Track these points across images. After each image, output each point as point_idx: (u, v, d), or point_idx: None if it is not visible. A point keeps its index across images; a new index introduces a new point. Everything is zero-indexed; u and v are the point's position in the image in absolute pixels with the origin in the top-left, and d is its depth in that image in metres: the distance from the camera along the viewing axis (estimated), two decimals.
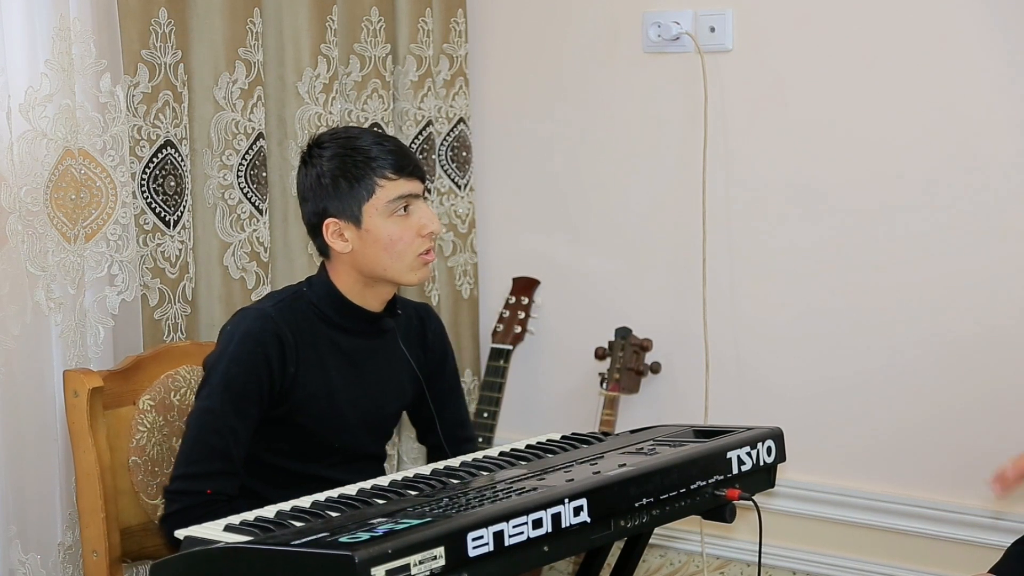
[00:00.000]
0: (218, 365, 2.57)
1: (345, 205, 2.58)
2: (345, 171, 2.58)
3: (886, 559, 3.43)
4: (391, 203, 2.57)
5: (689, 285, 3.62)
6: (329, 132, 2.70)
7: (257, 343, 2.56)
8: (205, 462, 2.54)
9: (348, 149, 2.59)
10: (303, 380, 2.61)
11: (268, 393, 2.58)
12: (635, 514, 2.22)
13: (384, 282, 2.64)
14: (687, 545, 3.71)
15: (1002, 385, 3.25)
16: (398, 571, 1.86)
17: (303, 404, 2.62)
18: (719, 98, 3.53)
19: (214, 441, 2.54)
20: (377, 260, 2.60)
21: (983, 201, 3.23)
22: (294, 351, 2.60)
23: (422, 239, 2.60)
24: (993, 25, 3.18)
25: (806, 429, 3.38)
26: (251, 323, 2.59)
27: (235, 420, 2.55)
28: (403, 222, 2.59)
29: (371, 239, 2.58)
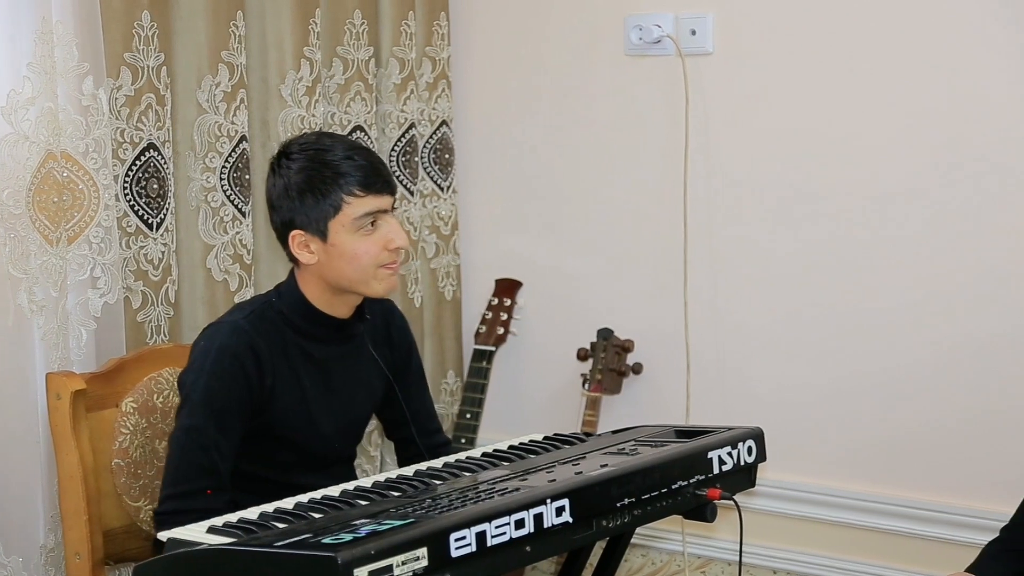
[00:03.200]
0: (197, 382, 2.55)
1: (311, 219, 2.56)
2: (312, 186, 2.54)
3: (866, 557, 3.44)
4: (357, 220, 2.54)
5: (670, 287, 3.62)
6: (299, 141, 2.63)
7: (234, 357, 2.54)
8: (194, 480, 2.52)
9: (316, 162, 2.55)
10: (279, 391, 2.60)
11: (248, 406, 2.57)
12: (617, 514, 2.22)
13: (351, 292, 2.64)
14: (669, 544, 3.71)
15: (981, 387, 3.26)
16: (381, 572, 1.86)
17: (279, 415, 2.61)
18: (700, 101, 3.53)
19: (201, 459, 2.53)
20: (342, 273, 2.58)
21: (963, 205, 3.24)
22: (269, 363, 2.58)
23: (388, 253, 2.58)
24: (975, 28, 3.19)
25: (786, 429, 3.39)
26: (226, 338, 2.57)
27: (219, 436, 2.54)
28: (369, 237, 2.56)
29: (336, 253, 2.56)
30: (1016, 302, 3.14)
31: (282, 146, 2.66)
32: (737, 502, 2.39)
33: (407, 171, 3.70)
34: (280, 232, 2.62)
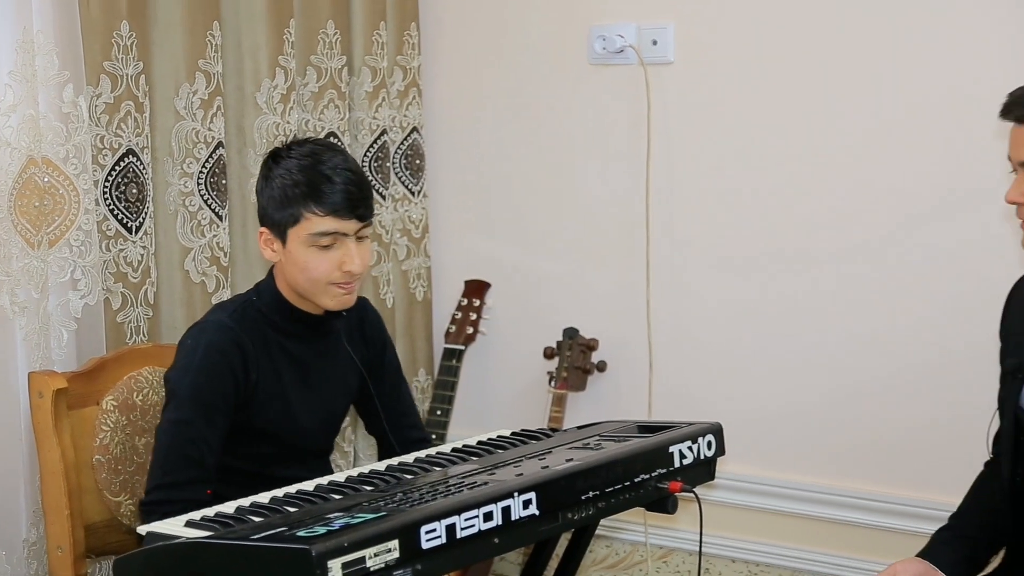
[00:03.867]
0: (185, 378, 2.54)
1: (276, 222, 2.55)
2: (284, 192, 2.53)
3: (820, 547, 3.45)
4: (313, 236, 2.52)
5: (633, 288, 3.63)
6: (294, 146, 2.60)
7: (221, 354, 2.54)
8: (181, 471, 2.51)
9: (297, 171, 2.53)
10: (261, 387, 2.60)
11: (234, 401, 2.56)
12: (582, 506, 2.22)
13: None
14: (631, 536, 3.72)
15: (931, 387, 3.28)
16: (354, 564, 1.86)
17: (261, 410, 2.61)
18: (662, 108, 3.54)
19: (188, 451, 2.52)
20: (295, 279, 2.58)
21: (915, 210, 3.26)
22: (254, 359, 2.58)
23: (341, 273, 2.55)
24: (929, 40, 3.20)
25: (744, 424, 3.39)
26: (213, 335, 2.57)
27: (206, 429, 2.53)
28: (322, 254, 2.54)
29: (291, 259, 2.56)
30: (967, 309, 3.15)
31: (281, 145, 2.64)
32: (697, 494, 2.39)
33: (379, 176, 3.70)
34: (259, 224, 2.63)
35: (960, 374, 3.19)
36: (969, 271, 3.15)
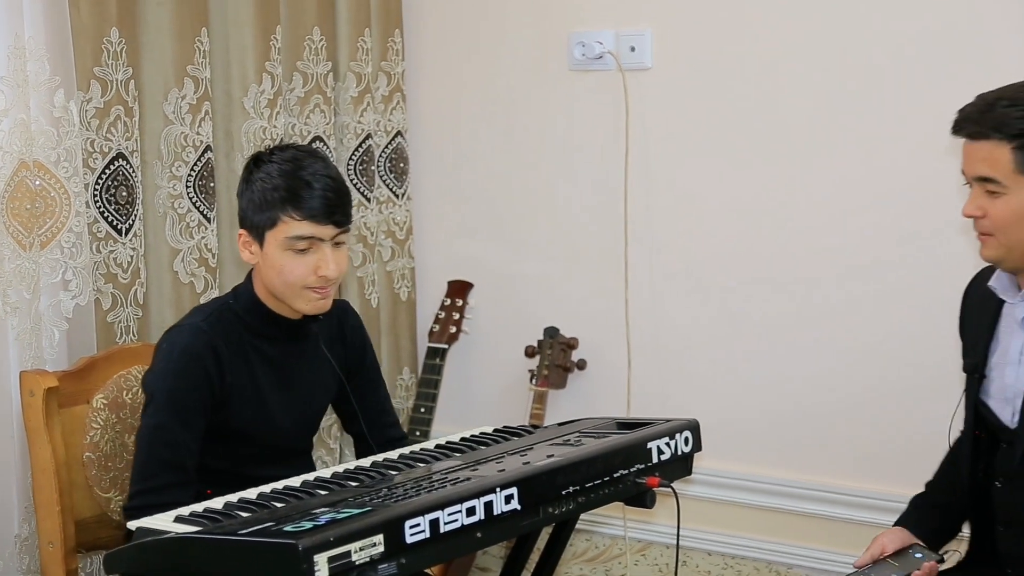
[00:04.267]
0: (160, 382, 2.54)
1: (254, 224, 2.55)
2: (264, 196, 2.53)
3: (794, 539, 3.46)
4: (289, 239, 2.52)
5: (613, 288, 3.63)
6: (277, 151, 2.60)
7: (195, 357, 2.54)
8: (160, 476, 2.51)
9: (278, 175, 2.53)
10: (237, 389, 2.59)
11: (209, 403, 2.56)
12: (562, 501, 2.22)
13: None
14: (611, 529, 3.72)
15: (897, 384, 3.29)
16: (339, 558, 1.86)
17: (237, 411, 2.60)
18: (640, 113, 3.54)
19: (166, 455, 2.52)
20: (272, 281, 2.58)
21: (886, 213, 3.27)
22: (228, 362, 2.58)
23: (316, 278, 2.55)
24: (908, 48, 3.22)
25: (721, 421, 3.40)
26: (187, 339, 2.56)
27: (183, 433, 2.53)
28: (297, 258, 2.53)
29: (268, 262, 2.55)
30: (926, 306, 3.16)
31: (264, 149, 2.65)
32: (675, 489, 2.40)
33: (364, 179, 3.70)
34: (239, 226, 2.63)
35: (926, 372, 3.20)
36: (938, 273, 3.16)
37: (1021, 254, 2.36)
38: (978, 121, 2.32)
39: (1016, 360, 2.43)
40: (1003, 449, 2.45)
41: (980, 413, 2.49)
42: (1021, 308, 2.43)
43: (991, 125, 2.30)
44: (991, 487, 2.48)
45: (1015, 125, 2.28)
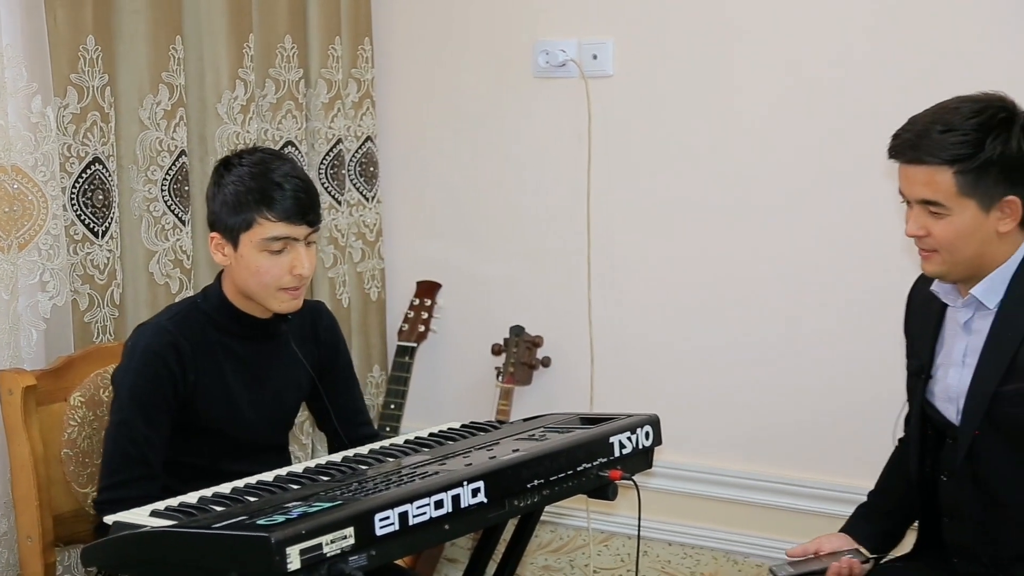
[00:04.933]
0: (124, 381, 2.54)
1: (228, 227, 2.54)
2: (236, 199, 2.52)
3: (750, 529, 3.48)
4: (265, 241, 2.51)
5: (576, 287, 3.64)
6: (248, 154, 2.60)
7: (157, 356, 2.53)
8: (126, 470, 2.50)
9: (249, 179, 2.52)
10: (203, 386, 2.58)
11: (173, 400, 2.55)
12: (527, 494, 2.23)
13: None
14: (574, 521, 3.73)
15: (848, 380, 3.31)
16: (311, 550, 1.85)
17: (205, 408, 2.59)
18: (602, 118, 3.55)
19: (131, 450, 2.51)
20: (246, 282, 2.56)
21: (841, 216, 3.28)
22: (192, 360, 2.56)
23: (291, 277, 2.54)
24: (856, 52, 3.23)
25: (680, 416, 3.41)
26: (150, 338, 2.55)
27: (147, 429, 2.52)
28: (274, 259, 2.53)
29: (243, 263, 2.54)
30: (876, 307, 3.18)
31: (231, 152, 2.63)
32: (636, 482, 2.41)
33: (335, 183, 3.69)
34: (209, 229, 2.61)
35: (875, 369, 3.21)
36: (887, 274, 3.18)
37: (965, 268, 2.38)
38: (915, 147, 2.32)
39: (960, 362, 2.45)
40: (948, 445, 2.46)
41: (926, 412, 2.51)
42: (963, 313, 2.44)
43: (929, 151, 2.30)
44: (937, 481, 2.50)
45: (953, 151, 2.28)
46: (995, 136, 2.28)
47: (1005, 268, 2.37)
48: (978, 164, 2.28)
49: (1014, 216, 2.33)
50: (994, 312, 2.39)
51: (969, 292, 2.41)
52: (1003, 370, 2.35)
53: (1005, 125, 2.29)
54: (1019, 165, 2.30)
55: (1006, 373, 2.35)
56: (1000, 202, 2.31)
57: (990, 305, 2.39)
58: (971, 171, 2.28)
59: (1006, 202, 2.32)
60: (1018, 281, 2.37)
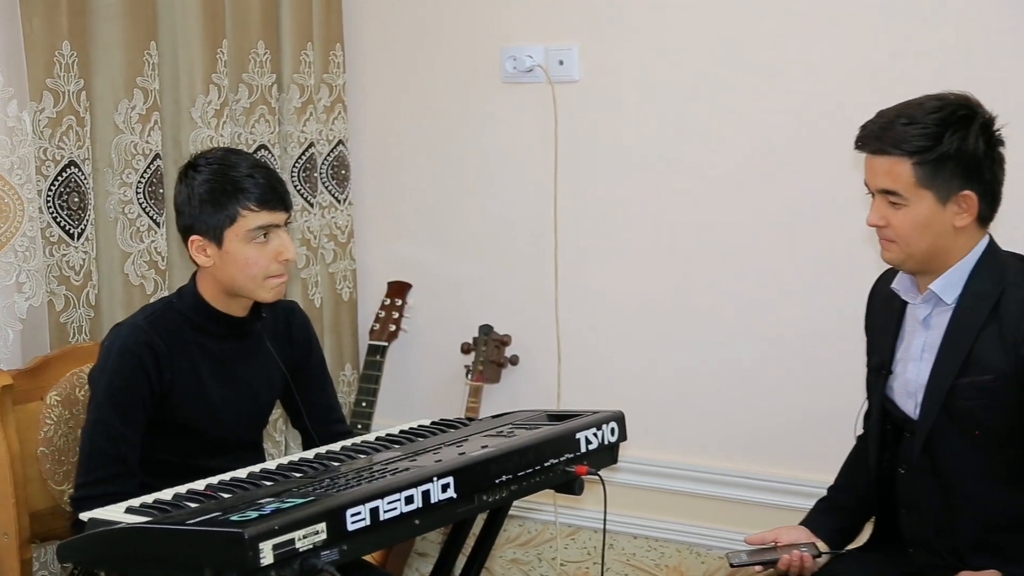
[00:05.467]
0: (101, 380, 2.52)
1: (209, 226, 2.53)
2: (213, 197, 2.51)
3: (713, 523, 3.48)
4: (251, 231, 2.52)
5: (543, 288, 3.63)
6: (207, 155, 2.60)
7: (133, 355, 2.51)
8: (103, 468, 2.49)
9: (220, 176, 2.52)
10: (178, 384, 2.57)
11: (149, 398, 2.53)
12: (496, 489, 2.23)
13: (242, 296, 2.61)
14: (542, 515, 3.72)
15: (807, 375, 3.32)
16: (284, 545, 1.85)
17: (181, 405, 2.58)
18: (568, 122, 3.55)
19: (108, 448, 2.49)
20: (233, 278, 2.55)
21: (803, 218, 3.29)
22: (168, 359, 2.55)
23: (277, 264, 2.55)
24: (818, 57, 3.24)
25: (645, 412, 3.41)
26: (126, 338, 2.54)
27: (123, 427, 2.50)
28: (261, 248, 2.53)
29: (230, 259, 2.53)
30: (838, 306, 3.19)
31: (191, 157, 2.63)
32: (602, 477, 2.41)
33: (307, 185, 3.67)
34: (183, 235, 2.60)
35: (835, 367, 3.22)
36: (846, 273, 3.19)
37: (921, 258, 2.40)
38: (879, 138, 2.37)
39: (918, 356, 2.47)
40: (906, 439, 2.48)
41: (886, 407, 2.52)
42: (922, 309, 2.46)
43: (891, 142, 2.34)
44: (896, 474, 2.52)
45: (913, 142, 2.33)
46: (954, 131, 2.32)
47: (963, 264, 2.40)
48: (936, 156, 2.32)
49: (970, 211, 2.36)
50: (952, 307, 2.41)
51: (928, 288, 2.43)
52: (960, 363, 2.38)
53: (964, 122, 2.34)
54: (975, 162, 2.33)
55: (962, 366, 2.37)
56: (956, 196, 2.34)
57: (948, 300, 2.41)
58: (929, 163, 2.32)
59: (962, 196, 2.34)
60: (975, 277, 2.39)
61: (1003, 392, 2.34)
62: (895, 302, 2.52)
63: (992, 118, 2.37)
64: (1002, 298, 2.37)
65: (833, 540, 2.60)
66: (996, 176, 2.38)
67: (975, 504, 2.41)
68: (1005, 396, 2.34)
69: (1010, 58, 3.00)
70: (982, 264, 2.40)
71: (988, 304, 2.37)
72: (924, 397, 2.43)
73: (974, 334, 2.37)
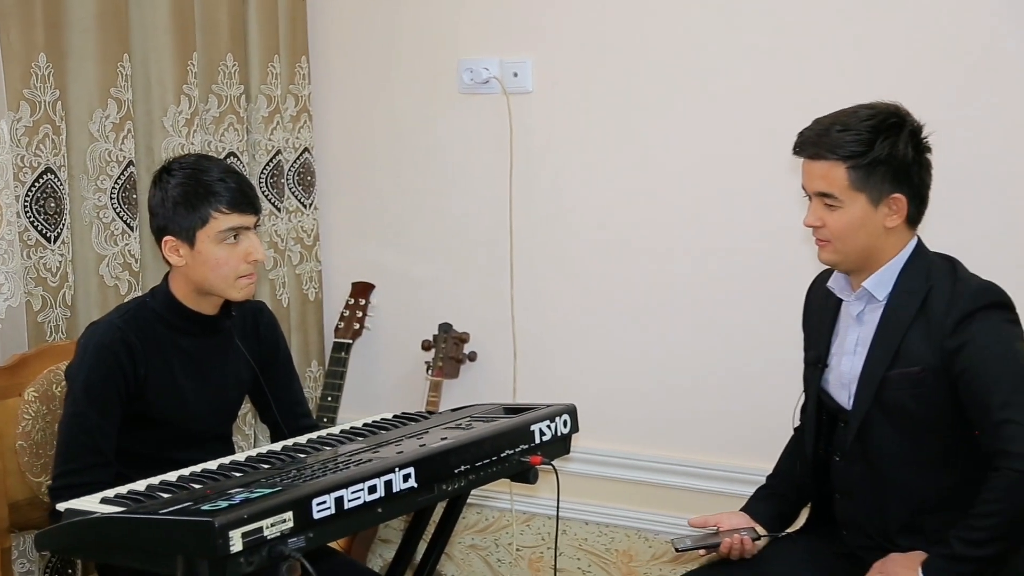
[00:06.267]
0: (78, 375, 2.51)
1: (182, 228, 2.52)
2: (186, 199, 2.51)
3: (660, 509, 3.49)
4: (222, 233, 2.52)
5: (500, 288, 3.64)
6: (180, 160, 2.60)
7: (109, 351, 2.51)
8: (80, 458, 2.47)
9: (192, 180, 2.52)
10: (152, 379, 2.56)
11: (124, 392, 2.52)
12: (455, 479, 2.23)
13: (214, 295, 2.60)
14: (499, 503, 3.73)
15: (754, 371, 3.34)
16: (252, 533, 1.84)
17: (155, 400, 2.57)
18: (522, 131, 3.56)
19: (84, 440, 2.48)
20: (204, 277, 2.55)
21: (744, 220, 3.31)
22: (142, 355, 2.54)
23: (247, 264, 2.55)
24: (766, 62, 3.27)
25: (596, 405, 3.42)
26: (102, 335, 2.53)
27: (100, 419, 2.49)
28: (231, 249, 2.53)
29: (201, 259, 2.53)
30: (779, 303, 3.22)
31: (165, 162, 2.62)
32: (555, 467, 2.42)
33: (274, 191, 3.66)
34: (156, 236, 2.59)
35: (773, 362, 3.24)
36: (784, 272, 3.21)
37: (855, 258, 2.43)
38: (816, 144, 2.40)
39: (852, 351, 2.49)
40: (841, 428, 2.50)
41: (821, 399, 2.54)
42: (856, 305, 2.49)
43: (827, 148, 2.38)
44: (831, 462, 2.54)
45: (848, 148, 2.36)
46: (884, 138, 2.36)
47: (894, 263, 2.43)
48: (868, 161, 2.35)
49: (900, 213, 2.39)
50: (883, 304, 2.44)
51: (861, 286, 2.46)
52: (890, 357, 2.40)
53: (895, 130, 2.37)
54: (905, 166, 2.37)
55: (893, 359, 2.40)
56: (887, 198, 2.38)
57: (880, 297, 2.44)
58: (862, 167, 2.36)
59: (893, 199, 2.38)
60: (904, 275, 2.43)
61: (930, 383, 2.37)
62: (830, 300, 2.55)
63: (920, 126, 2.41)
64: (929, 295, 2.40)
65: (771, 524, 2.63)
66: (924, 180, 2.42)
67: (904, 489, 2.44)
68: (932, 387, 2.37)
69: (931, 75, 3.04)
70: (911, 263, 2.43)
71: (916, 301, 2.40)
72: (857, 389, 2.45)
73: (904, 329, 2.40)
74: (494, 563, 3.78)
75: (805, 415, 2.63)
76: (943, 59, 3.03)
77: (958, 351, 2.33)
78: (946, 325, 2.35)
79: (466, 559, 3.81)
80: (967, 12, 2.99)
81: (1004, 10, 2.96)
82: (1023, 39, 2.95)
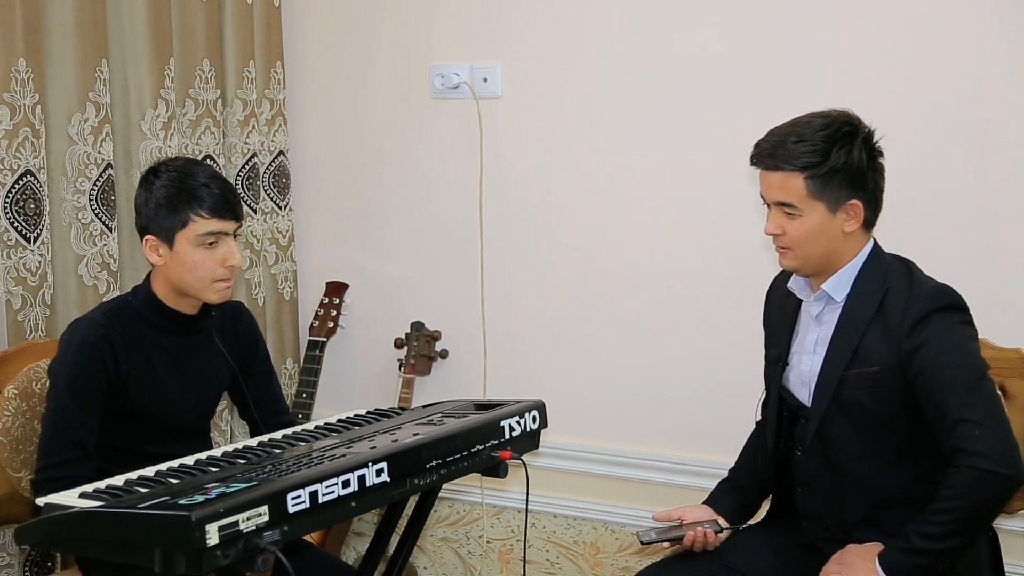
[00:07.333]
0: (61, 371, 2.50)
1: (162, 228, 2.52)
2: (169, 202, 2.51)
3: (626, 502, 3.51)
4: (200, 236, 2.51)
5: (470, 286, 3.64)
6: (168, 162, 2.60)
7: (92, 348, 2.49)
8: (62, 452, 2.46)
9: (177, 183, 2.51)
10: (134, 376, 2.55)
11: (106, 388, 2.51)
12: (427, 473, 2.22)
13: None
14: (470, 497, 3.73)
15: (717, 367, 3.35)
16: (229, 527, 1.83)
17: (136, 396, 2.56)
18: (492, 135, 3.56)
19: (67, 434, 2.47)
20: (182, 278, 2.54)
21: (705, 222, 3.32)
22: (124, 352, 2.53)
23: (223, 269, 2.54)
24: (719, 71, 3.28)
25: (564, 401, 3.44)
26: (85, 331, 2.52)
27: (82, 414, 2.48)
28: (209, 252, 2.53)
29: (179, 260, 2.53)
30: (739, 300, 3.23)
31: (155, 163, 2.62)
32: (524, 461, 2.41)
33: (250, 193, 3.64)
34: (139, 233, 2.58)
35: (737, 359, 3.26)
36: (746, 273, 3.23)
37: (815, 264, 2.44)
38: (772, 155, 2.40)
39: (811, 350, 2.50)
40: (801, 424, 2.51)
41: (782, 396, 2.55)
42: (815, 306, 2.50)
43: (784, 159, 2.38)
44: (792, 456, 2.55)
45: (804, 159, 2.36)
46: (840, 147, 2.36)
47: (851, 265, 2.44)
48: (825, 171, 2.35)
49: (857, 218, 2.40)
50: (841, 305, 2.45)
51: (820, 287, 2.47)
52: (848, 356, 2.41)
53: (849, 138, 2.37)
54: (860, 173, 2.38)
55: (851, 359, 2.41)
56: (845, 205, 2.38)
57: (838, 299, 2.45)
58: (819, 177, 2.36)
59: (850, 205, 2.39)
60: (862, 277, 2.44)
61: (888, 383, 2.38)
62: (791, 300, 2.56)
63: (872, 131, 2.42)
64: (886, 296, 2.41)
65: (734, 517, 2.64)
66: (878, 184, 2.43)
67: (862, 484, 2.45)
68: (890, 386, 2.38)
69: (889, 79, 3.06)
70: (868, 265, 2.44)
71: (874, 302, 2.41)
72: (816, 386, 2.46)
73: (861, 330, 2.41)
74: (465, 555, 3.77)
75: (767, 411, 2.64)
76: (907, 64, 3.04)
77: (915, 352, 2.34)
78: (903, 327, 2.36)
79: (438, 551, 3.80)
80: (929, 22, 3.01)
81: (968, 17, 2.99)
82: (982, 43, 2.97)
